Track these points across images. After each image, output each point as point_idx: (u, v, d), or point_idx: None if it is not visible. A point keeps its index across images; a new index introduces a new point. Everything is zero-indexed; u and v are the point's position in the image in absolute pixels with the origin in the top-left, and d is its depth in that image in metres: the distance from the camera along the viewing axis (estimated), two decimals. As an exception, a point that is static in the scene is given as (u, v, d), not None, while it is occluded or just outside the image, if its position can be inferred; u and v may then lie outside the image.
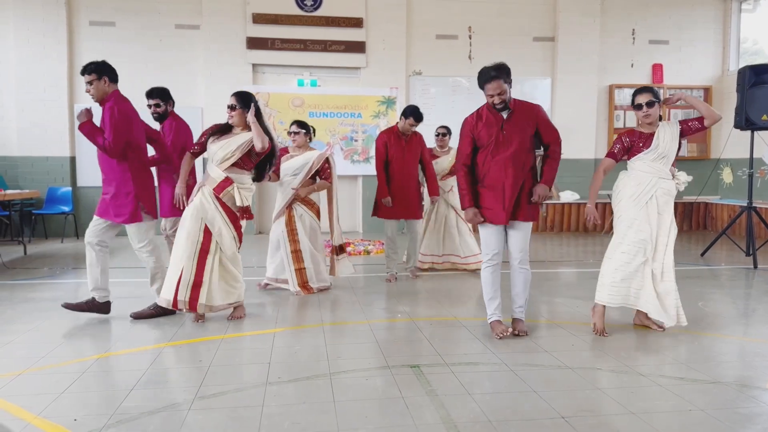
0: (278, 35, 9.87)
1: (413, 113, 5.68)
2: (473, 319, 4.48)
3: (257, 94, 9.86)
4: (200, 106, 9.78)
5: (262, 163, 4.47)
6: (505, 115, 3.85)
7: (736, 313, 4.83)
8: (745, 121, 7.02)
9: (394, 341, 3.89)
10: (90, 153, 9.44)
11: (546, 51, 10.62)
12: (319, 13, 9.96)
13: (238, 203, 4.28)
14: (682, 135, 3.95)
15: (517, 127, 3.84)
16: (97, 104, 4.34)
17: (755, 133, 7.21)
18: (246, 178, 4.37)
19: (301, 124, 5.49)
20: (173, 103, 5.25)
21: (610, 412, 2.74)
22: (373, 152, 9.41)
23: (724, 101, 10.88)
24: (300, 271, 5.31)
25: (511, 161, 3.79)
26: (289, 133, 5.50)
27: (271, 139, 4.33)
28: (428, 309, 4.78)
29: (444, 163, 6.34)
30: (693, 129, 3.94)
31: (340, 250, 5.53)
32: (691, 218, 10.80)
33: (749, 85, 7.01)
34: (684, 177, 3.97)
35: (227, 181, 4.25)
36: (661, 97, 3.94)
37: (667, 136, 3.90)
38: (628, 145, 3.99)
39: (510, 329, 3.92)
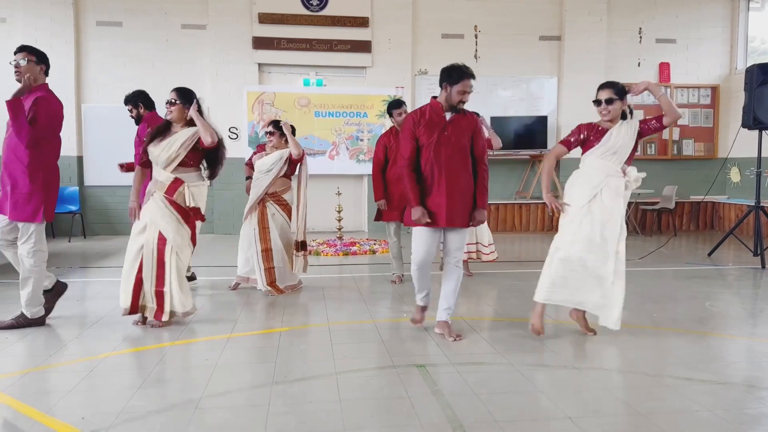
0: (284, 35, 9.88)
1: (393, 105, 5.57)
2: (479, 318, 4.48)
3: (263, 94, 9.90)
4: (207, 106, 9.77)
5: (211, 160, 4.33)
6: (448, 116, 3.82)
7: (744, 313, 4.81)
8: (753, 121, 6.98)
9: (399, 341, 3.89)
10: (97, 152, 9.51)
11: (552, 50, 10.58)
12: (324, 12, 9.97)
13: (188, 203, 4.16)
14: (641, 135, 3.87)
15: (458, 130, 3.80)
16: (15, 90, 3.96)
17: (763, 132, 7.17)
18: (195, 176, 4.24)
19: (276, 124, 5.44)
20: (148, 105, 5.48)
21: (616, 412, 2.73)
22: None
23: (731, 100, 10.82)
24: (269, 271, 5.25)
25: (451, 163, 3.75)
26: (266, 134, 5.45)
27: (216, 132, 4.22)
28: (433, 309, 4.77)
29: None
30: (652, 129, 3.87)
31: (301, 246, 5.41)
32: (698, 218, 10.75)
33: (757, 84, 6.97)
34: (634, 173, 3.84)
35: (177, 182, 4.14)
36: (627, 93, 3.85)
37: (621, 134, 3.81)
38: (584, 137, 3.89)
39: (458, 335, 3.87)
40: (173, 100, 4.20)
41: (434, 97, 3.90)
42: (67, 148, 9.41)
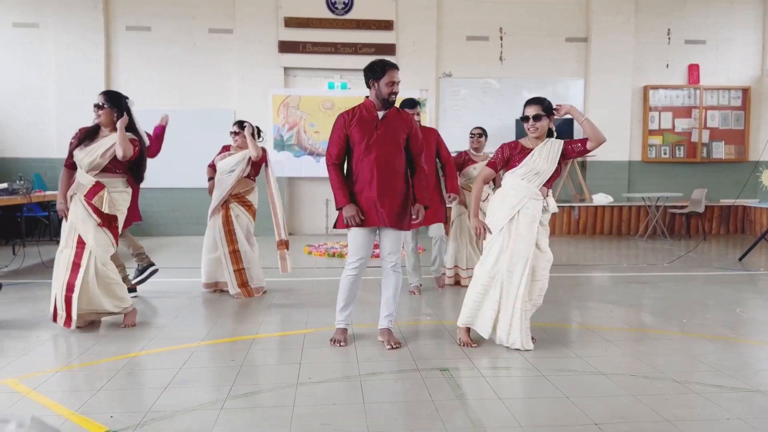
0: (309, 38, 9.96)
1: (406, 105, 5.20)
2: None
3: (289, 97, 9.97)
4: (233, 109, 9.91)
5: (135, 165, 4.26)
6: (380, 115, 3.75)
7: (776, 319, 4.70)
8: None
9: (422, 344, 3.88)
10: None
11: (579, 51, 10.48)
12: (349, 16, 10.02)
13: (105, 210, 4.09)
14: (565, 156, 3.74)
15: (391, 129, 3.72)
16: None
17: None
18: (118, 182, 4.18)
19: (241, 124, 5.40)
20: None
21: (644, 419, 2.69)
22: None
23: (763, 102, 10.61)
24: (239, 272, 5.22)
25: (384, 162, 3.67)
26: (231, 134, 5.41)
27: (141, 141, 4.20)
28: (456, 311, 4.75)
29: (478, 169, 5.78)
30: (576, 151, 3.72)
31: (285, 245, 5.34)
32: (729, 222, 10.54)
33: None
34: (552, 204, 3.71)
35: (99, 186, 4.09)
36: (553, 111, 3.74)
37: (543, 155, 3.67)
38: (507, 156, 3.76)
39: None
40: (101, 104, 4.14)
41: (367, 97, 3.83)
42: (97, 150, 9.62)
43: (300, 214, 10.52)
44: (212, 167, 5.52)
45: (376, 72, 3.70)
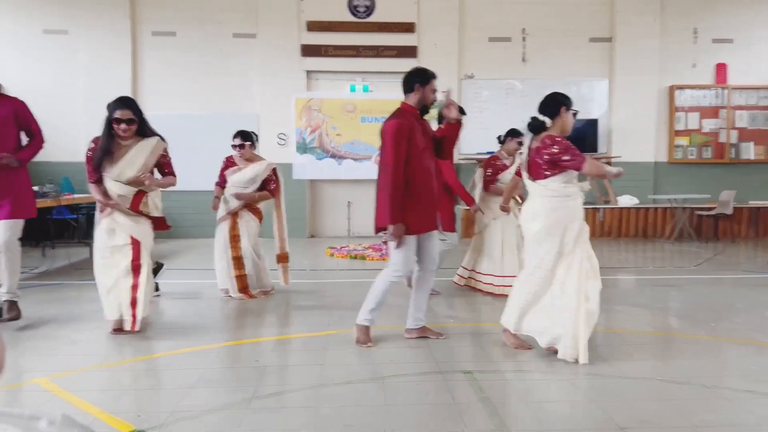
0: (331, 42, 10.02)
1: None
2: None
3: (311, 100, 10.03)
4: (256, 113, 10.01)
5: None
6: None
7: (809, 323, 4.59)
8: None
9: (445, 346, 3.87)
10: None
11: (603, 52, 10.38)
12: (371, 19, 10.05)
13: (155, 213, 4.18)
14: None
15: (429, 134, 3.85)
16: None
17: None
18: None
19: (245, 135, 5.28)
20: None
21: (671, 424, 2.64)
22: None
23: (794, 101, 10.39)
24: (240, 278, 5.22)
25: (434, 168, 3.79)
26: (234, 146, 5.26)
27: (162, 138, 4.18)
28: (479, 314, 4.74)
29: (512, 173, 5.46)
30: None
31: (285, 258, 5.42)
32: (758, 224, 10.31)
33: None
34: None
35: (140, 194, 4.12)
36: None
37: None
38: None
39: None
40: (133, 119, 4.01)
41: (404, 102, 3.81)
42: (124, 154, 9.79)
43: (322, 216, 10.58)
44: (221, 185, 5.38)
45: (425, 77, 3.77)
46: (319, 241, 9.90)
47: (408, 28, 10.06)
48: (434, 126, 4.54)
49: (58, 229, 9.41)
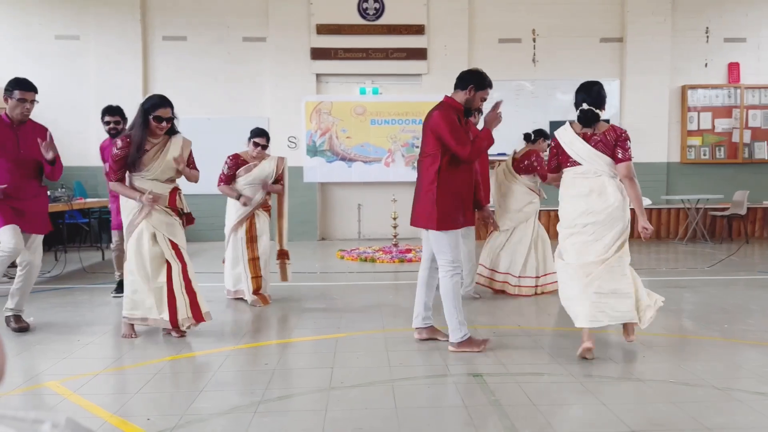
0: (341, 45, 10.04)
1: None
2: (538, 328, 4.39)
3: (321, 103, 10.05)
4: (267, 116, 10.04)
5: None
6: None
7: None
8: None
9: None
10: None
11: (614, 52, 10.32)
12: (381, 21, 10.06)
13: (186, 209, 4.24)
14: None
15: (470, 131, 3.91)
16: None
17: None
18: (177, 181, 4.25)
19: (268, 136, 5.30)
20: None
21: (683, 427, 2.61)
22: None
23: (808, 100, 10.27)
24: (256, 279, 5.15)
25: (473, 167, 3.90)
26: (257, 145, 5.22)
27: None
28: (489, 317, 4.72)
29: None
30: None
31: (286, 254, 5.35)
32: (773, 224, 10.20)
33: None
34: None
35: (175, 190, 4.15)
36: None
37: None
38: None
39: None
40: (172, 116, 4.08)
41: (448, 96, 3.84)
42: (136, 158, 9.86)
43: (332, 219, 10.59)
44: (228, 183, 5.27)
45: (483, 84, 3.79)
46: (330, 243, 9.91)
47: (417, 30, 10.06)
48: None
49: (71, 233, 9.49)
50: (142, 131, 3.99)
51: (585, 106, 3.64)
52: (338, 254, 8.27)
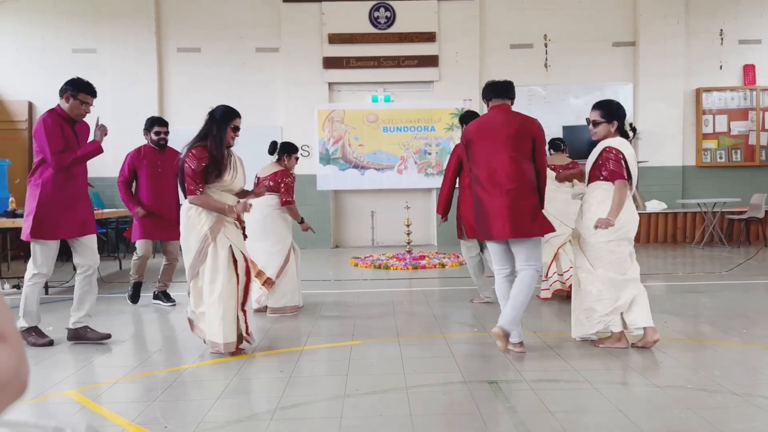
0: (353, 54, 10.10)
1: (468, 118, 5.17)
2: (553, 334, 4.37)
3: (333, 112, 10.11)
4: (280, 125, 10.12)
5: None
6: None
7: None
8: None
9: (470, 356, 3.85)
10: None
11: (627, 56, 10.28)
12: (392, 30, 10.11)
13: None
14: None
15: None
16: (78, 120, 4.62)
17: None
18: None
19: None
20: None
21: (701, 433, 2.59)
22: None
23: (826, 101, 10.14)
24: (260, 273, 5.05)
25: None
26: (296, 159, 5.43)
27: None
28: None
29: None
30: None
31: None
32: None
33: None
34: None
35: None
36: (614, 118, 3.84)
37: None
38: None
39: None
40: (237, 127, 4.16)
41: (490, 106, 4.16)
42: (151, 169, 9.96)
43: (346, 226, 10.62)
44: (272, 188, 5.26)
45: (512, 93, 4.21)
46: (344, 251, 9.94)
47: (429, 37, 10.09)
48: (457, 133, 4.68)
49: (89, 244, 9.59)
50: (221, 141, 4.00)
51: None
52: (352, 261, 8.29)
